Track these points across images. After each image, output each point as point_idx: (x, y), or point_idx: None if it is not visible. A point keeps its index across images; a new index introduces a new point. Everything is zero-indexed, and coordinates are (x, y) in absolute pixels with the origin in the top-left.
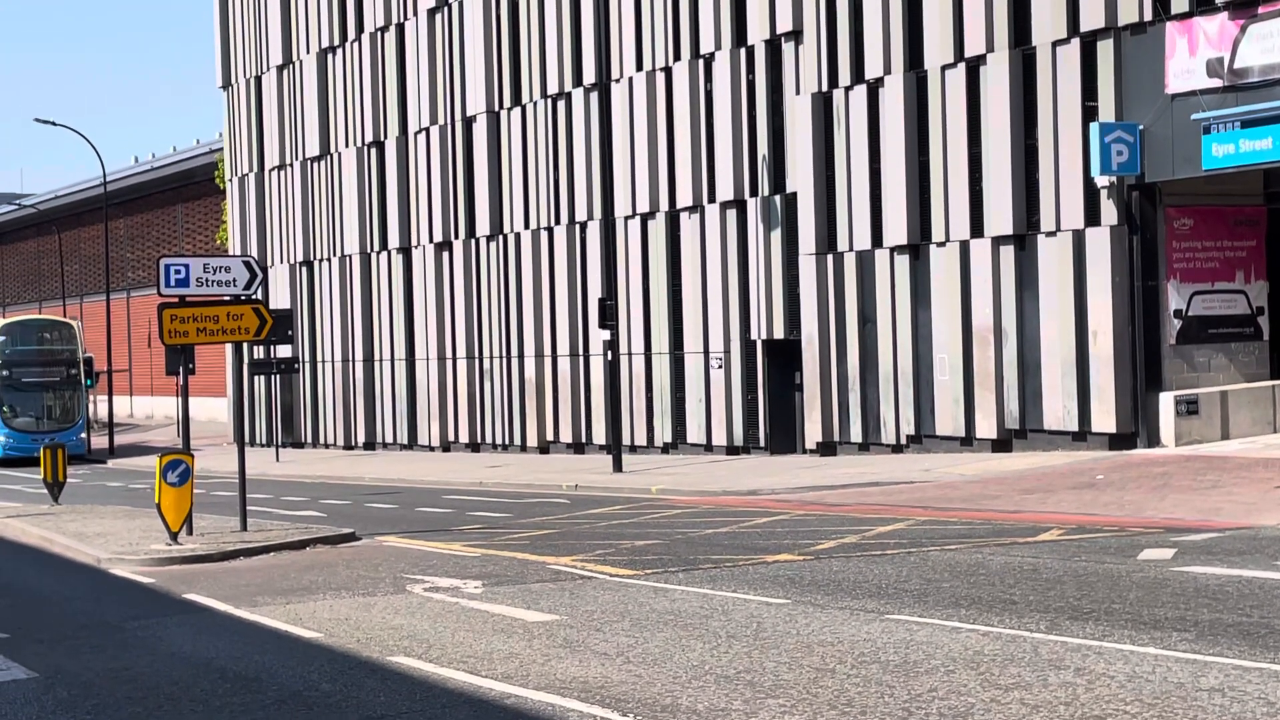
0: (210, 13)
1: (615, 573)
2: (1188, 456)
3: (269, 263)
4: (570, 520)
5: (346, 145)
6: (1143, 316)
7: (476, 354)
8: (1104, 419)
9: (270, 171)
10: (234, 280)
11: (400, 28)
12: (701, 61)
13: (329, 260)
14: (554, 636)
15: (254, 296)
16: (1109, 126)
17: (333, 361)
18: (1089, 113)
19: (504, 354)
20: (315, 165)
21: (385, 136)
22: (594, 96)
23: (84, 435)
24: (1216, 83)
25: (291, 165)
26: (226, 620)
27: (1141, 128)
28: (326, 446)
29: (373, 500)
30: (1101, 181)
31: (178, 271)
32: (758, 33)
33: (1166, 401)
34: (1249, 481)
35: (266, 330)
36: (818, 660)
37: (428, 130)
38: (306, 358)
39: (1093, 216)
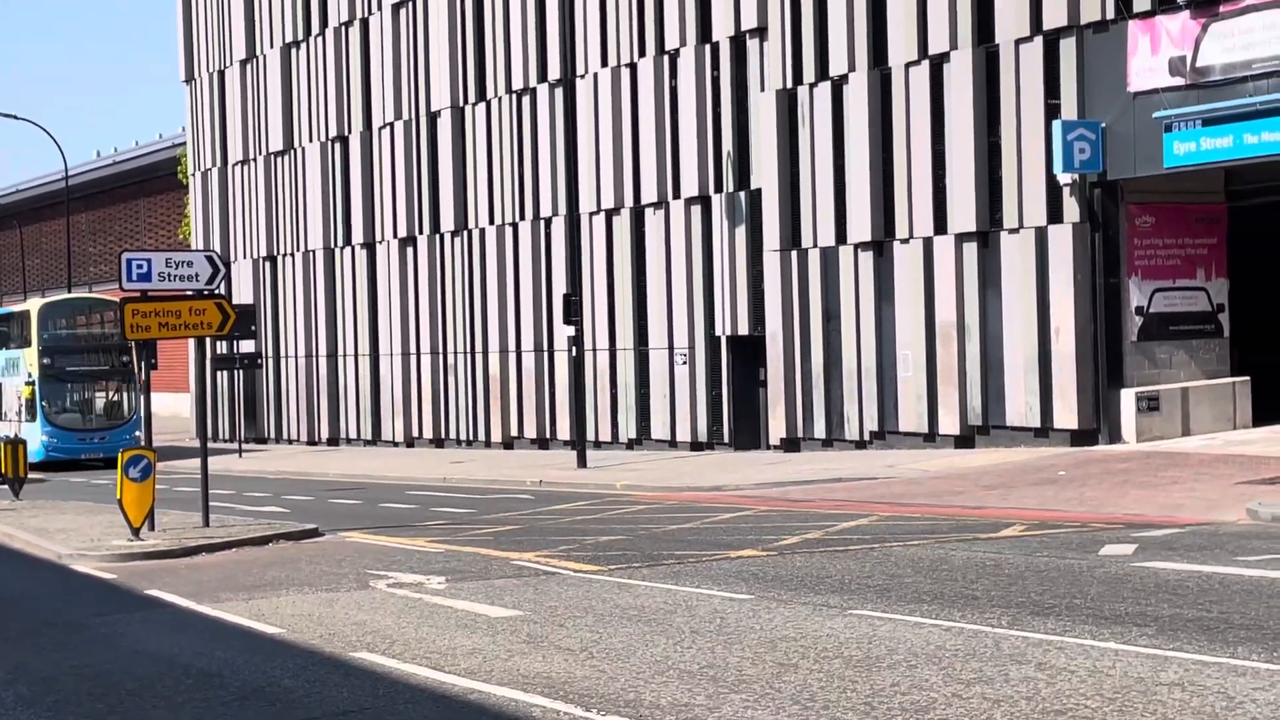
0: (173, 6)
1: (579, 568)
2: (1149, 453)
3: (232, 258)
4: (534, 516)
5: (310, 140)
6: (1104, 313)
7: (441, 349)
8: (1066, 415)
9: (233, 166)
10: (196, 275)
11: (365, 22)
12: (666, 58)
13: (292, 255)
14: (517, 632)
15: (216, 291)
16: (1071, 124)
17: (296, 357)
18: (1051, 110)
19: (468, 349)
20: (279, 160)
21: (349, 131)
22: (559, 92)
23: (139, 434)
24: (1179, 81)
25: (255, 160)
26: (189, 616)
27: (1104, 125)
28: (290, 442)
29: (336, 496)
30: (1064, 179)
31: (140, 266)
32: (723, 29)
33: (1128, 398)
34: (1210, 478)
35: (229, 325)
36: (781, 655)
37: (392, 125)
38: (269, 353)
39: (1055, 214)
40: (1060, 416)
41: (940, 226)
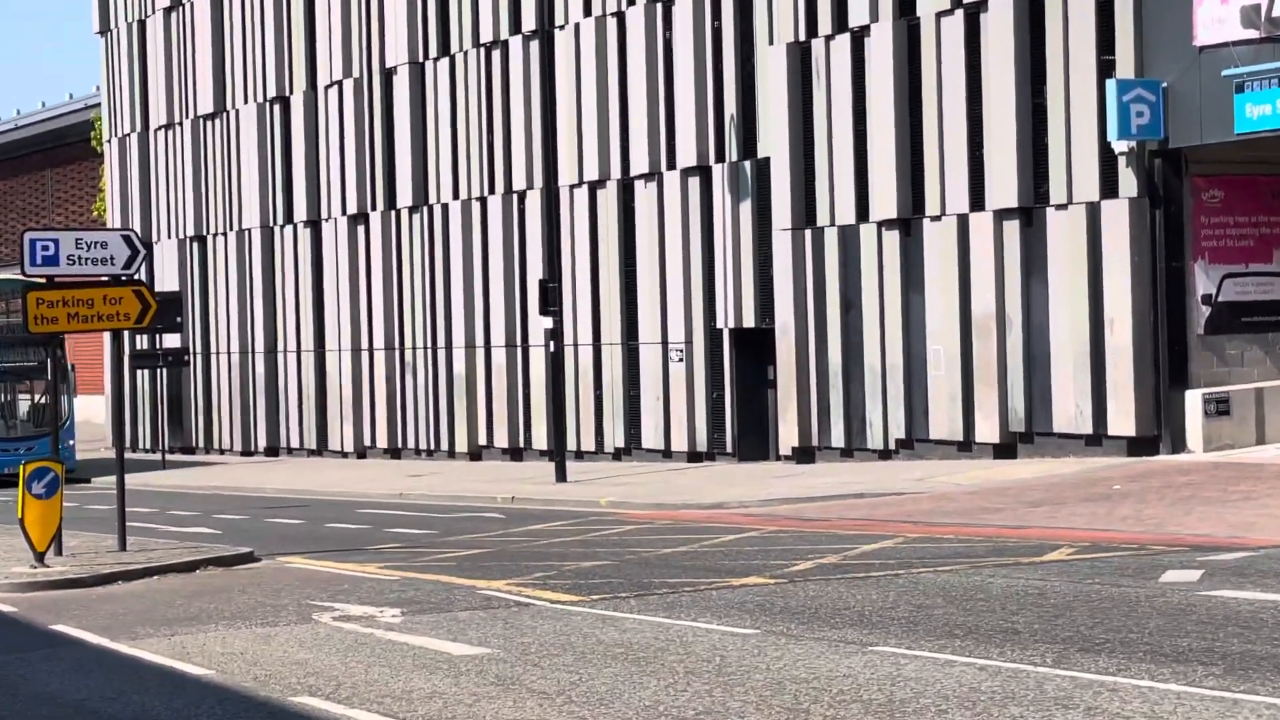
0: None
1: (557, 599)
2: (1217, 464)
3: (154, 238)
4: (505, 538)
5: (245, 101)
6: (1166, 303)
7: (397, 345)
8: (1122, 420)
9: (156, 131)
10: (112, 258)
11: None
12: (660, 6)
13: (224, 235)
14: (484, 673)
15: (136, 277)
16: (1128, 84)
17: (229, 353)
18: (1105, 68)
19: (429, 345)
20: (208, 124)
21: (291, 91)
22: (534, 45)
23: (72, 443)
24: (1252, 33)
25: (181, 124)
26: (101, 655)
27: (1165, 85)
28: (222, 452)
29: (275, 515)
30: (1119, 147)
31: (45, 248)
32: None
33: (1193, 400)
34: None
35: (150, 316)
36: (790, 699)
37: (340, 84)
38: (198, 349)
39: (1109, 187)
40: (1115, 422)
41: (977, 202)
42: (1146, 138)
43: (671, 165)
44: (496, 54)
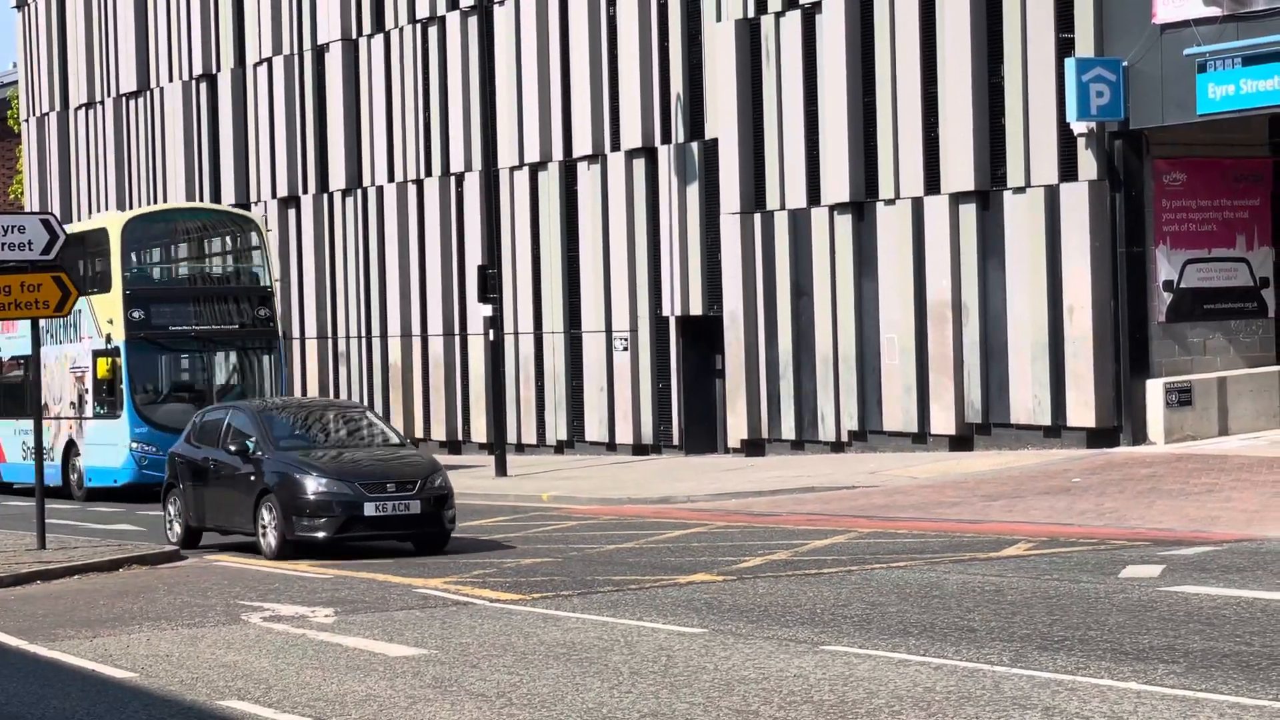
0: None
1: (496, 597)
2: (1179, 455)
3: (74, 221)
4: None
5: (170, 79)
6: (1127, 289)
7: (329, 333)
8: (1081, 411)
9: (76, 110)
10: (30, 243)
11: None
12: None
13: None
14: (421, 675)
15: (55, 262)
16: (1087, 63)
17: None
18: (1064, 46)
19: (362, 333)
20: (132, 103)
21: (218, 69)
22: (472, 21)
23: None
24: (1215, 11)
25: (102, 102)
26: (19, 659)
27: (1125, 65)
28: None
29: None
30: (1078, 128)
31: None
32: None
33: (1155, 390)
34: (1250, 485)
35: (71, 304)
36: (738, 701)
37: (270, 62)
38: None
39: (1068, 170)
40: (1074, 412)
41: (932, 185)
42: (1106, 118)
43: (616, 147)
44: (433, 30)
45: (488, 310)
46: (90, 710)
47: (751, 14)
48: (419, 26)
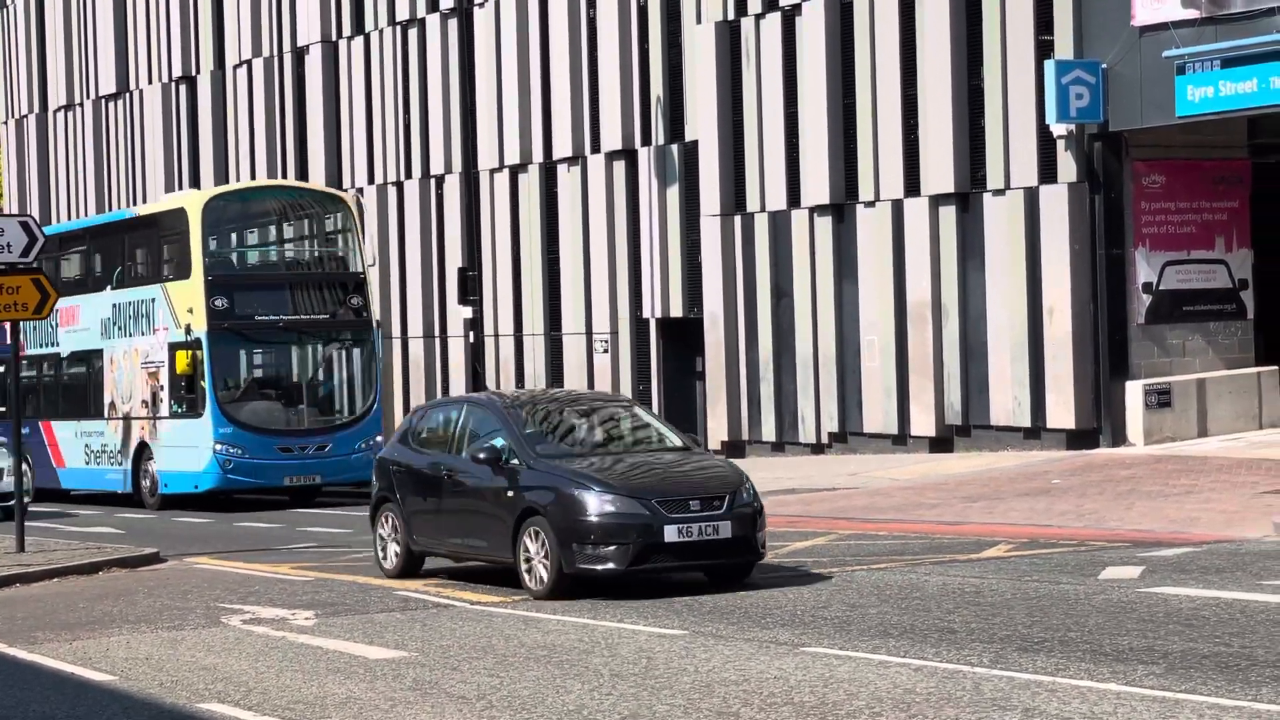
0: None
1: (477, 599)
2: (1159, 457)
3: (54, 224)
4: None
5: (150, 81)
6: (1106, 291)
7: None
8: (1061, 413)
9: (55, 112)
10: (8, 245)
11: None
12: None
13: None
14: (401, 677)
15: (34, 265)
16: (1067, 65)
17: None
18: (1044, 49)
19: None
20: (111, 105)
21: (198, 71)
22: (453, 24)
23: (379, 438)
24: (1194, 13)
25: (82, 105)
26: None
27: (1105, 67)
28: None
29: (181, 513)
30: (1058, 130)
31: None
32: None
33: (1134, 392)
34: (1229, 486)
35: (50, 306)
36: (719, 702)
37: (250, 64)
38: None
39: (1048, 172)
40: (1054, 414)
41: (912, 187)
42: (1086, 120)
43: (596, 149)
44: (413, 32)
45: (468, 312)
46: (70, 713)
47: (731, 16)
48: (399, 28)
